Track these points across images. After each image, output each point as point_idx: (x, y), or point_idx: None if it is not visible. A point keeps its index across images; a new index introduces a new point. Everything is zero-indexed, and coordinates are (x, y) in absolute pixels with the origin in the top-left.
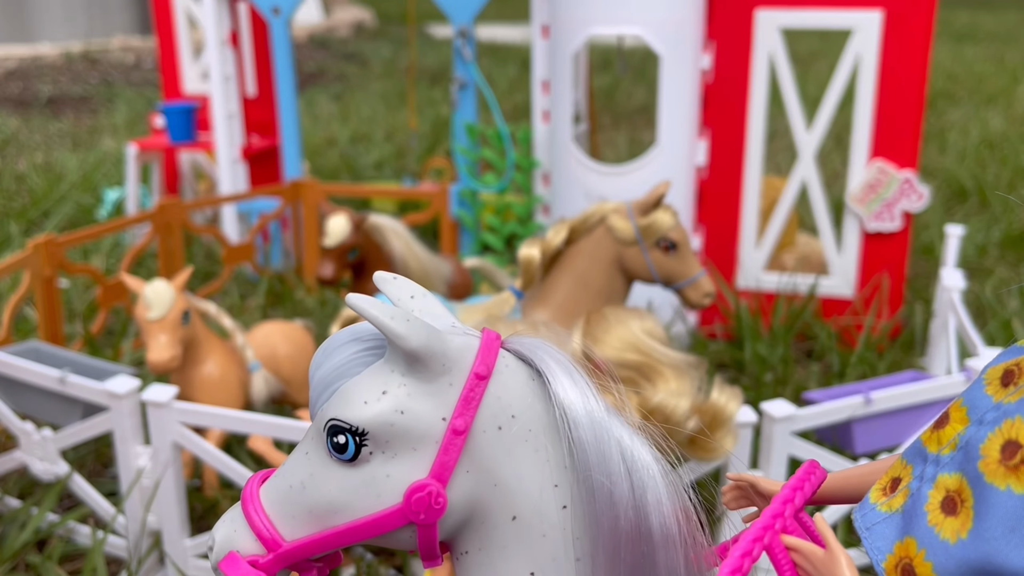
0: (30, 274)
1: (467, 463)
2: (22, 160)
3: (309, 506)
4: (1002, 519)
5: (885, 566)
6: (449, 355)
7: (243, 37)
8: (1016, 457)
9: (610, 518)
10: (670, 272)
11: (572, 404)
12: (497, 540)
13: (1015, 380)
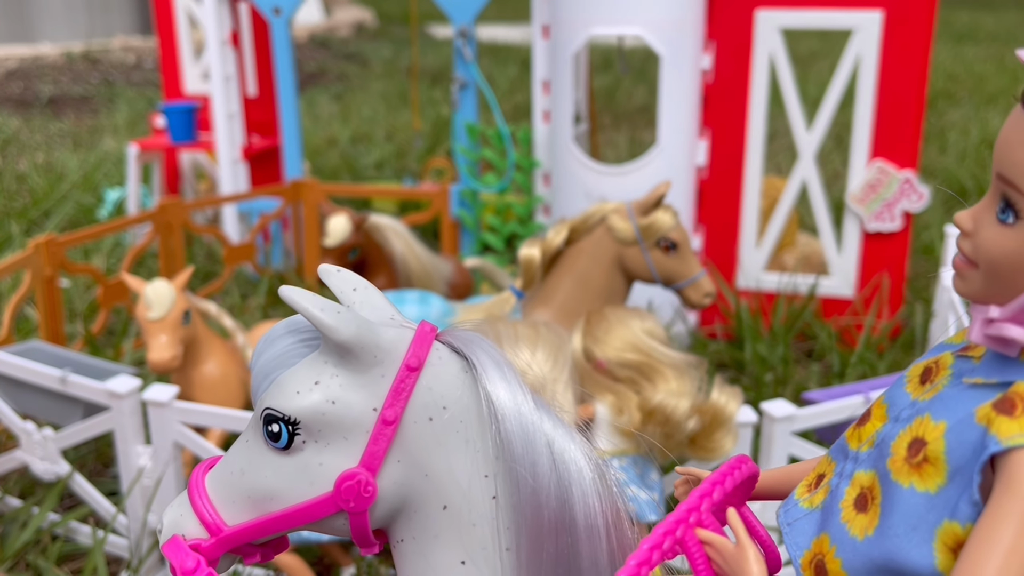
0: (31, 274)
1: (398, 453)
2: (23, 160)
3: (248, 492)
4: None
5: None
6: (381, 347)
7: (244, 37)
8: (920, 455)
9: (533, 509)
10: (670, 272)
11: (500, 397)
12: (429, 529)
13: (932, 378)
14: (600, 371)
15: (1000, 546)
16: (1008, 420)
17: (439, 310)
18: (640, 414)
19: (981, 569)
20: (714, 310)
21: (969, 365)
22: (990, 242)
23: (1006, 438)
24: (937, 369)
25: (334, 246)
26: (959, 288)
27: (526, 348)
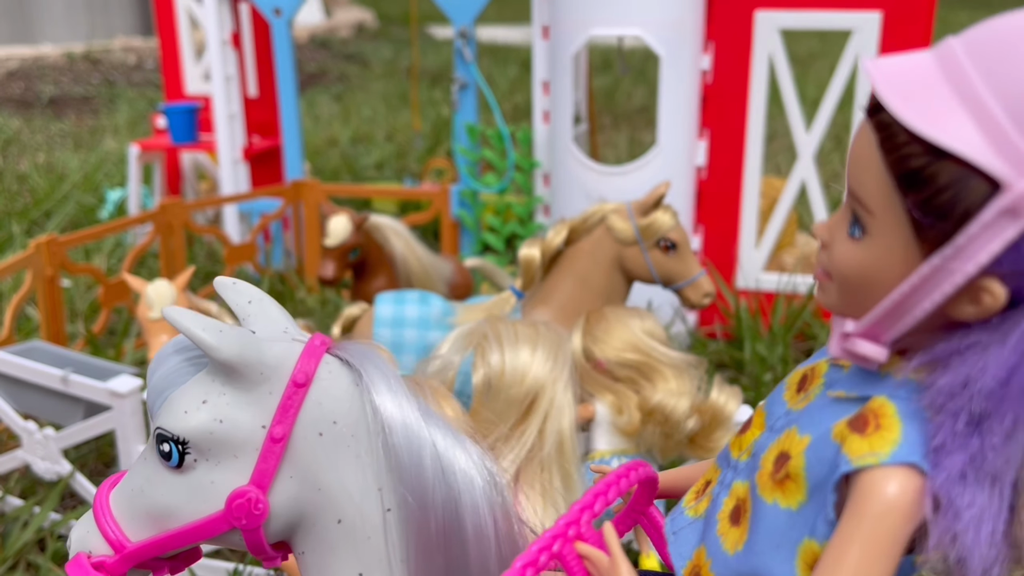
0: (32, 274)
1: (289, 469)
2: (24, 160)
3: (146, 509)
4: (769, 534)
5: (684, 573)
6: (267, 363)
7: (244, 38)
8: (783, 471)
9: (421, 520)
10: (670, 272)
11: (387, 410)
12: (326, 542)
13: (807, 386)
14: (600, 371)
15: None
16: (859, 439)
17: (439, 310)
18: (640, 414)
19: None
20: (713, 310)
21: (839, 375)
22: (840, 256)
23: (856, 457)
24: (812, 377)
25: (335, 246)
26: (819, 299)
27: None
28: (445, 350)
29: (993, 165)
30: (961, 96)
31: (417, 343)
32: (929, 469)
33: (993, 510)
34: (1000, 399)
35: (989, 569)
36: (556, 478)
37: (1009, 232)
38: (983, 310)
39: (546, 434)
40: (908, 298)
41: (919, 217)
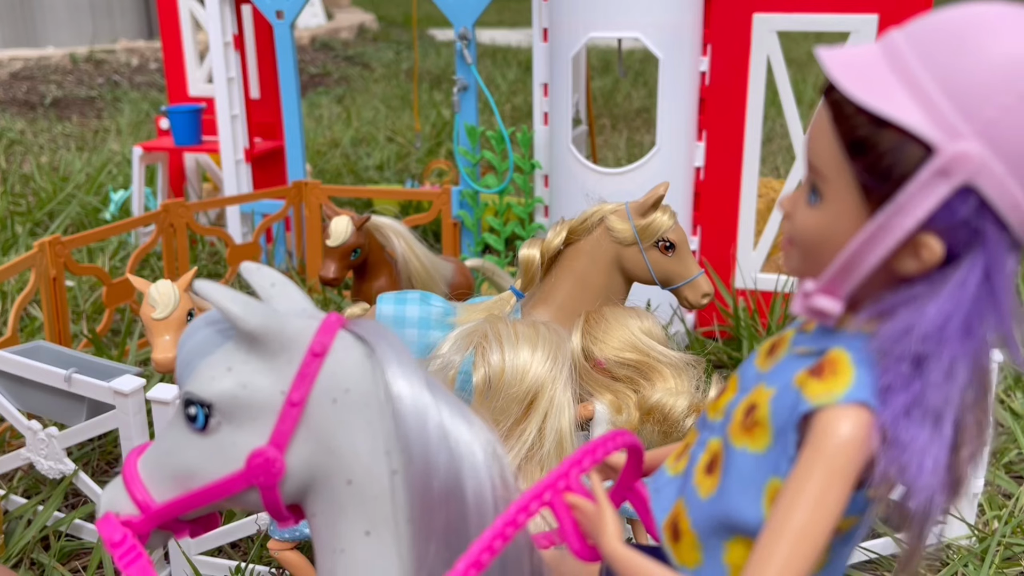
0: (36, 274)
1: (305, 432)
2: (28, 161)
3: (172, 470)
4: (738, 477)
5: (663, 524)
6: (287, 335)
7: (247, 40)
8: (751, 418)
9: (424, 482)
10: (668, 272)
11: (396, 381)
12: (336, 502)
13: (775, 351)
14: (599, 370)
15: (806, 497)
16: (817, 382)
17: (440, 310)
18: (638, 412)
19: (789, 520)
20: (711, 310)
21: (804, 336)
22: (801, 222)
23: (814, 398)
24: (780, 343)
25: (336, 247)
26: (785, 266)
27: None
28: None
29: (926, 131)
30: (900, 76)
31: (418, 343)
32: (878, 407)
33: (936, 445)
34: (938, 342)
35: (932, 497)
36: None
37: (941, 190)
38: (923, 264)
39: (546, 433)
40: (858, 254)
41: (865, 180)
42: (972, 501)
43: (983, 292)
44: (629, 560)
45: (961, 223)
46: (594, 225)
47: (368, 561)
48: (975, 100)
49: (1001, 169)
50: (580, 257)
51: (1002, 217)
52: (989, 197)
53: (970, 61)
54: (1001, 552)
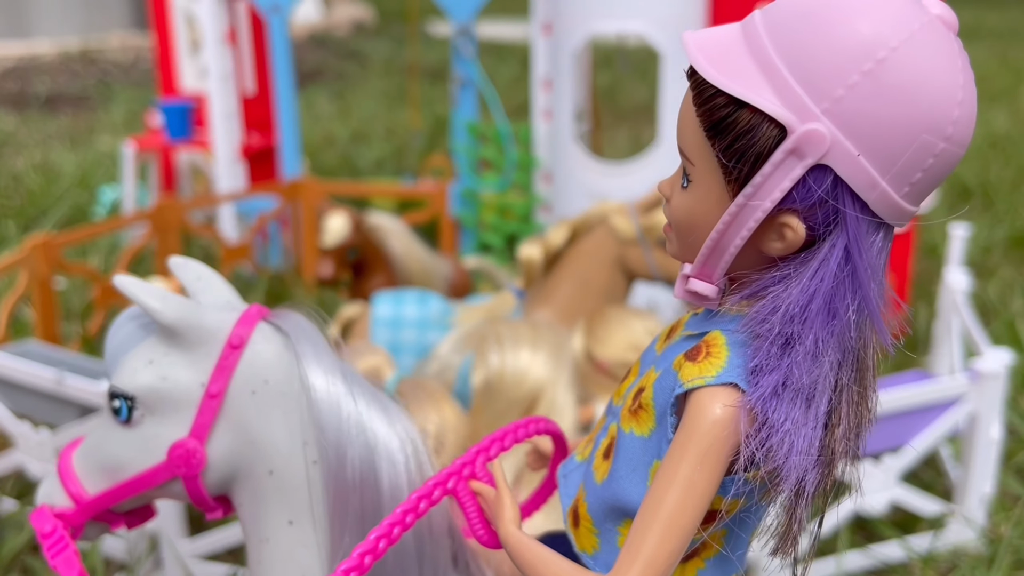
0: (27, 274)
1: (225, 423)
2: (19, 159)
3: (102, 463)
4: (627, 460)
5: (568, 510)
6: (206, 327)
7: (241, 35)
8: (637, 402)
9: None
10: (672, 272)
11: (312, 372)
12: (260, 492)
13: (672, 334)
14: (601, 371)
15: (679, 479)
16: (692, 365)
17: (438, 309)
18: None
19: (663, 501)
20: None
21: (694, 320)
22: (675, 206)
23: (687, 380)
24: (677, 326)
25: (332, 245)
26: (667, 250)
27: (526, 348)
28: (444, 351)
29: (780, 113)
30: (757, 59)
31: (416, 343)
32: (747, 388)
33: (808, 424)
34: (803, 322)
35: (803, 477)
36: None
37: (796, 170)
38: (788, 245)
39: None
40: (723, 235)
41: (725, 161)
42: (981, 505)
43: (845, 272)
44: (522, 544)
45: (819, 202)
46: (596, 224)
47: (291, 550)
48: (824, 80)
49: (853, 147)
50: (582, 256)
51: (860, 196)
52: (843, 175)
53: (819, 43)
54: (1010, 557)
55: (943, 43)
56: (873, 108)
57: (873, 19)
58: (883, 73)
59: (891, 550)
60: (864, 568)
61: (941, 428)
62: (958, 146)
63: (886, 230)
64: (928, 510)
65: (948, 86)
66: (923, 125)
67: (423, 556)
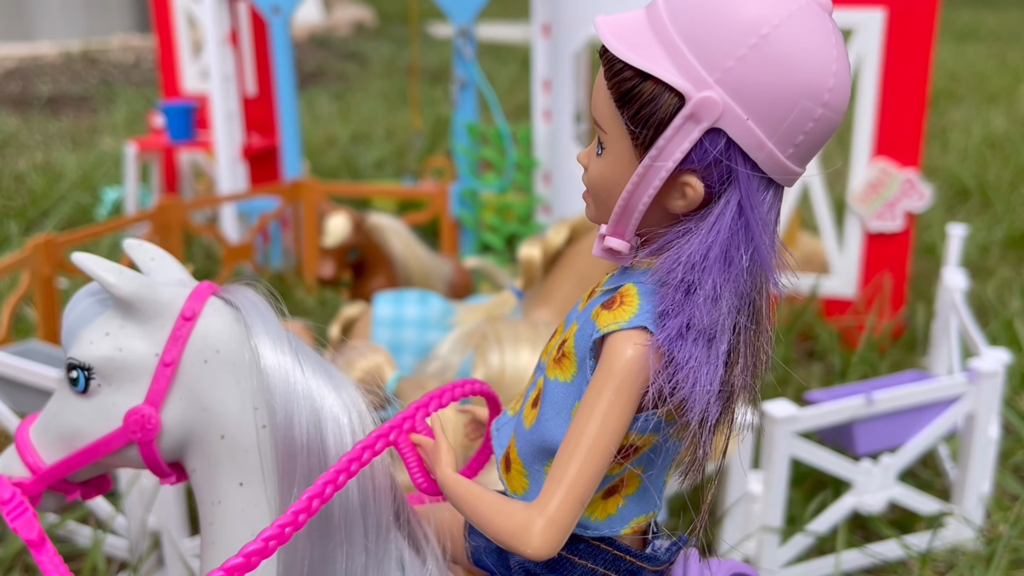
0: (29, 274)
1: (179, 390)
2: (21, 160)
3: (59, 432)
4: (552, 404)
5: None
6: (160, 301)
7: (243, 36)
8: (560, 351)
9: (286, 435)
10: None
11: (262, 342)
12: (212, 457)
13: (593, 294)
14: None
15: (597, 411)
16: (607, 313)
17: (439, 309)
18: None
19: (583, 431)
20: None
21: (611, 278)
22: (591, 172)
23: (603, 326)
24: (598, 285)
25: (333, 246)
26: (586, 215)
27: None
28: (444, 351)
29: (678, 82)
30: (659, 37)
31: (416, 343)
32: (656, 330)
33: (710, 363)
34: (702, 270)
35: (706, 409)
36: None
37: (694, 133)
38: (690, 202)
39: None
40: (632, 195)
41: (632, 128)
42: (978, 504)
43: (739, 225)
44: (456, 483)
45: (714, 162)
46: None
47: (242, 510)
48: (716, 53)
49: (742, 112)
50: (582, 256)
51: (750, 156)
52: (734, 137)
53: (712, 21)
54: (1008, 556)
55: (818, 21)
56: (759, 77)
57: (758, 2)
58: (767, 46)
59: (889, 549)
60: (862, 567)
61: (939, 427)
62: (835, 111)
63: (775, 188)
64: (926, 509)
65: (824, 58)
66: (802, 92)
67: (367, 512)
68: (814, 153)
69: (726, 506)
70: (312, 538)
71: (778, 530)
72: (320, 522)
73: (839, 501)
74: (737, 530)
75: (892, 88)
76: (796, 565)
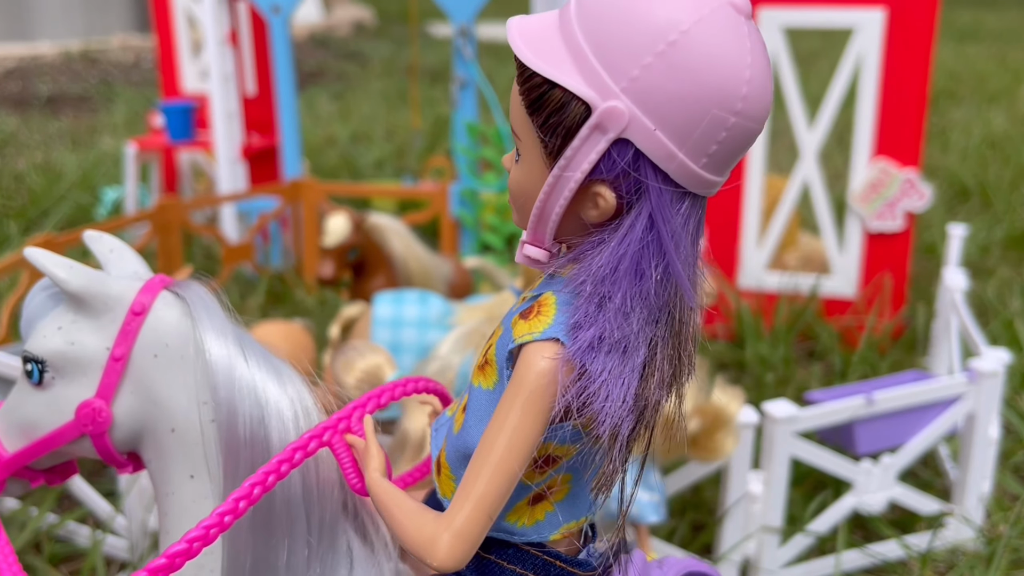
0: (28, 274)
1: (130, 384)
2: (21, 159)
3: (18, 423)
4: (475, 411)
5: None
6: (111, 295)
7: (243, 36)
8: (484, 357)
9: (230, 428)
10: None
11: (207, 336)
12: (164, 449)
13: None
14: None
15: (507, 425)
16: (524, 323)
17: (438, 309)
18: None
19: (492, 444)
20: (715, 310)
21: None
22: (511, 178)
23: (518, 336)
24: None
25: (333, 246)
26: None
27: None
28: (444, 351)
29: (583, 91)
30: (568, 43)
31: (416, 343)
32: (568, 342)
33: (624, 376)
34: (612, 282)
35: (618, 423)
36: None
37: (600, 144)
38: (602, 212)
39: None
40: (545, 204)
41: (542, 136)
42: (979, 504)
43: (650, 238)
44: (380, 487)
45: (623, 173)
46: None
47: (193, 502)
48: (622, 61)
49: (649, 122)
50: None
51: (660, 167)
52: (642, 148)
53: (619, 28)
54: (1008, 556)
55: (731, 26)
56: (666, 86)
57: (667, 6)
58: (674, 54)
59: (890, 549)
60: (862, 567)
61: (939, 427)
62: (750, 120)
63: (693, 199)
64: (926, 509)
65: (735, 65)
66: (713, 101)
67: (311, 503)
68: (733, 161)
69: (726, 506)
70: (256, 531)
71: (778, 530)
72: (262, 515)
73: (839, 501)
74: (737, 530)
75: (892, 88)
76: (796, 565)
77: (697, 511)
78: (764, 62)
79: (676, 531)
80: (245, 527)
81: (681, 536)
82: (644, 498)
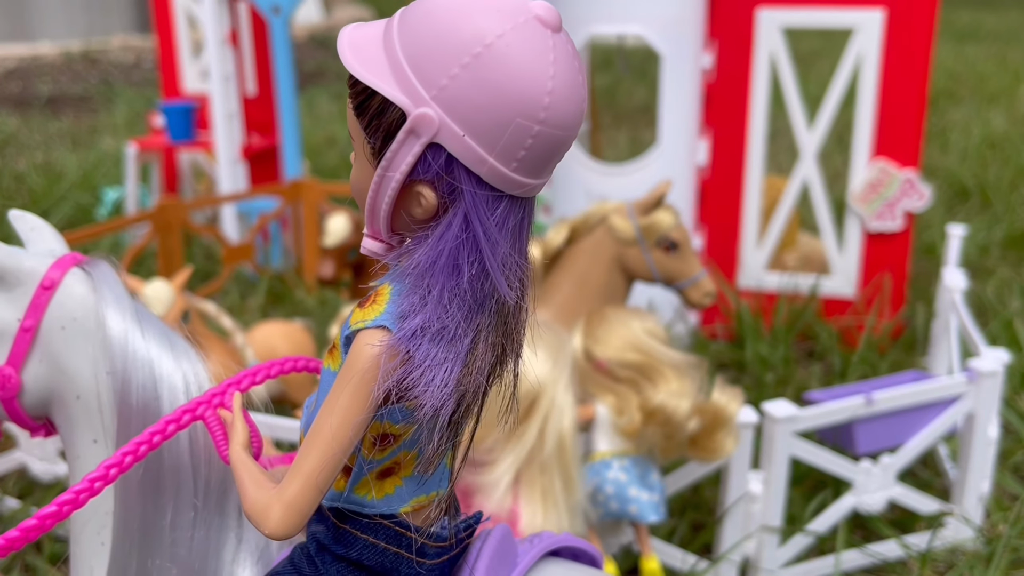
0: None
1: (39, 354)
2: (22, 160)
3: None
4: (323, 392)
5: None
6: (23, 270)
7: (243, 36)
8: (332, 342)
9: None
10: (671, 272)
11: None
12: (70, 415)
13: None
14: (600, 371)
15: (338, 406)
16: (359, 311)
17: None
18: (641, 415)
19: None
20: (715, 310)
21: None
22: (351, 176)
23: (352, 324)
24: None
25: (333, 246)
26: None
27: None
28: None
29: (397, 98)
30: (387, 52)
31: None
32: (395, 330)
33: (448, 363)
34: (431, 276)
35: (439, 407)
36: (557, 480)
37: (415, 147)
38: (425, 210)
39: (546, 435)
40: (374, 201)
41: (367, 139)
42: (978, 504)
43: (466, 235)
44: (240, 460)
45: (437, 175)
46: (596, 224)
47: (95, 464)
48: (433, 71)
49: (458, 129)
50: (581, 256)
51: (472, 170)
52: (453, 152)
53: (431, 40)
54: (1008, 556)
55: (536, 40)
56: (471, 95)
57: (474, 20)
58: (478, 66)
59: (889, 549)
60: (862, 566)
61: (939, 427)
62: (556, 128)
63: (512, 200)
64: (926, 509)
65: (538, 77)
66: (515, 110)
67: (198, 468)
68: (546, 165)
69: (726, 506)
70: (145, 493)
71: (778, 530)
72: (152, 478)
73: (839, 501)
74: (737, 530)
75: (892, 88)
76: (796, 565)
77: (697, 511)
78: (570, 73)
79: (676, 531)
80: (135, 488)
81: (681, 536)
82: (644, 497)
